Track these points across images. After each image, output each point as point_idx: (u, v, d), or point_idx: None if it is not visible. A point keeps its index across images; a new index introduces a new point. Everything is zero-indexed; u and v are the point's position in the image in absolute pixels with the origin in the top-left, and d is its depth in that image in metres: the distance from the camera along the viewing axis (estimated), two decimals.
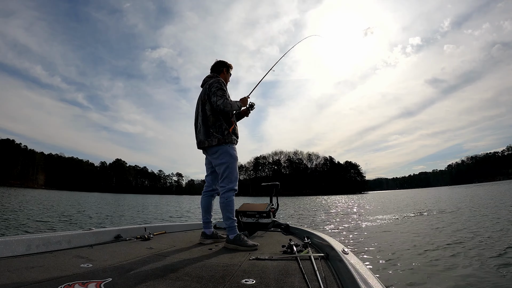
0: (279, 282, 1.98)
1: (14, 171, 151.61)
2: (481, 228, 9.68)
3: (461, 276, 4.96)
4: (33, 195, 47.88)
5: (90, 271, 2.16)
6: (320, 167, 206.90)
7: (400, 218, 14.95)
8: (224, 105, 3.49)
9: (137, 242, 3.57)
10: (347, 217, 16.69)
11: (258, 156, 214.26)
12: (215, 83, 3.64)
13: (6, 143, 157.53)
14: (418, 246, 7.49)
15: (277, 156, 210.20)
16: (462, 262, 5.78)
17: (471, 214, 14.08)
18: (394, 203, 30.12)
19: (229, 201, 3.48)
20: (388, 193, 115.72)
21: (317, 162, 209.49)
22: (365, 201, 41.85)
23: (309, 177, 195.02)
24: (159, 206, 32.12)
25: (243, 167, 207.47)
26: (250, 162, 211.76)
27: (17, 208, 19.12)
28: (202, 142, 3.64)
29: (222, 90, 3.60)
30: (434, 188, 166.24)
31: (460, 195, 37.01)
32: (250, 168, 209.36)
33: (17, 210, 17.69)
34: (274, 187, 5.35)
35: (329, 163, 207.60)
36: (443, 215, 14.91)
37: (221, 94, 3.55)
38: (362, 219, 15.33)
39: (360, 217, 16.44)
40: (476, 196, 31.37)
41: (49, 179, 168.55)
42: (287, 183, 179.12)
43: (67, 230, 5.12)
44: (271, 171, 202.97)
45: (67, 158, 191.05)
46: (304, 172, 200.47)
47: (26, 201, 27.12)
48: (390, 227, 11.58)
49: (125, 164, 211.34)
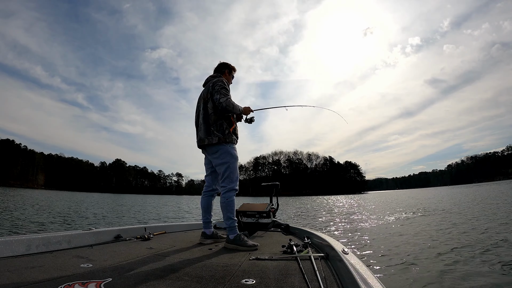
0: (279, 282, 1.98)
1: (14, 171, 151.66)
2: (483, 228, 9.68)
3: (462, 276, 4.95)
4: (32, 195, 47.82)
5: (90, 271, 2.16)
6: (320, 167, 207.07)
7: (400, 218, 14.97)
8: (227, 104, 3.49)
9: (137, 242, 3.57)
10: (347, 217, 16.67)
11: (258, 156, 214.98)
12: (219, 82, 3.65)
13: (6, 143, 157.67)
14: (419, 246, 7.48)
15: (277, 156, 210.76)
16: (463, 262, 5.77)
17: (475, 214, 14.06)
18: (395, 203, 30.10)
19: (230, 201, 3.48)
20: (388, 193, 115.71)
21: (317, 162, 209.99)
22: (365, 201, 41.83)
23: (309, 177, 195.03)
24: (158, 206, 32.10)
25: (243, 167, 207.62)
26: (250, 162, 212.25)
27: (14, 208, 19.13)
28: (202, 140, 3.64)
29: (226, 89, 3.61)
30: (434, 188, 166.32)
31: (461, 195, 36.92)
32: (250, 168, 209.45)
33: (13, 210, 17.69)
34: (274, 187, 5.36)
35: (329, 163, 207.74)
36: (445, 215, 14.91)
37: (224, 92, 3.56)
38: (362, 219, 15.33)
39: (360, 217, 16.42)
40: (479, 195, 31.35)
41: (49, 179, 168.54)
42: (287, 183, 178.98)
43: (67, 230, 5.10)
44: (271, 171, 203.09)
45: (67, 158, 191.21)
46: (304, 172, 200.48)
47: (23, 201, 27.13)
48: (390, 227, 11.58)
49: (125, 164, 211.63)
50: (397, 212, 18.20)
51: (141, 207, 28.48)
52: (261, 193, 5.44)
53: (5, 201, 25.69)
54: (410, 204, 25.34)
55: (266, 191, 5.45)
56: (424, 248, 7.20)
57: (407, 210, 19.18)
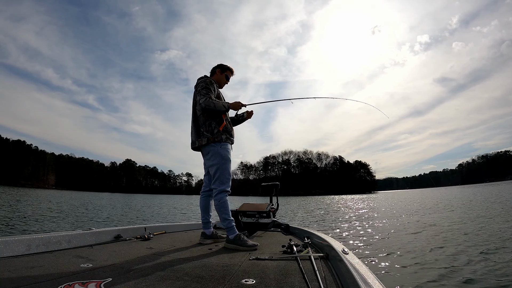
0: (279, 282, 1.97)
1: (25, 171, 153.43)
2: (488, 228, 9.59)
3: (462, 276, 4.93)
4: (43, 195, 48.30)
5: (90, 271, 2.17)
6: (329, 166, 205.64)
7: (407, 218, 14.86)
8: (206, 103, 3.45)
9: (137, 242, 3.58)
10: (359, 218, 16.55)
11: (267, 156, 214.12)
12: (201, 83, 3.64)
13: (17, 144, 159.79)
14: (420, 246, 7.44)
15: (287, 155, 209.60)
16: (464, 262, 5.75)
17: (479, 214, 13.93)
18: (404, 203, 29.82)
19: (222, 202, 3.47)
20: (398, 193, 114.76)
21: (327, 162, 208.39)
22: (375, 201, 41.46)
23: (318, 177, 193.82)
24: (183, 206, 32.11)
25: (252, 167, 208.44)
26: (260, 162, 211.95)
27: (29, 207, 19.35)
28: (193, 142, 3.66)
29: (206, 88, 3.56)
30: (445, 188, 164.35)
31: (475, 195, 36.15)
32: (260, 168, 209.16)
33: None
34: (274, 187, 5.39)
35: (338, 163, 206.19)
36: (452, 214, 14.78)
37: (204, 92, 3.52)
38: (370, 220, 15.24)
39: (369, 218, 16.31)
40: (493, 195, 30.96)
41: (59, 179, 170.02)
42: (296, 183, 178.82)
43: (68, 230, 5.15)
44: (281, 170, 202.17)
45: (78, 158, 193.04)
46: (314, 171, 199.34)
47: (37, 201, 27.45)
48: (391, 227, 11.53)
49: (135, 164, 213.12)
50: (404, 212, 18.07)
51: (158, 208, 28.44)
52: (271, 193, 5.43)
53: (22, 201, 26.02)
54: (421, 205, 25.11)
55: (266, 191, 5.46)
56: (426, 248, 7.16)
57: (414, 210, 19.03)
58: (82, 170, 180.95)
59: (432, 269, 5.44)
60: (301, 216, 18.92)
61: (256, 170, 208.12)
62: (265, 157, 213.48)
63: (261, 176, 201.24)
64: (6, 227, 10.43)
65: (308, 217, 18.40)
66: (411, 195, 57.67)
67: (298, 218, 17.92)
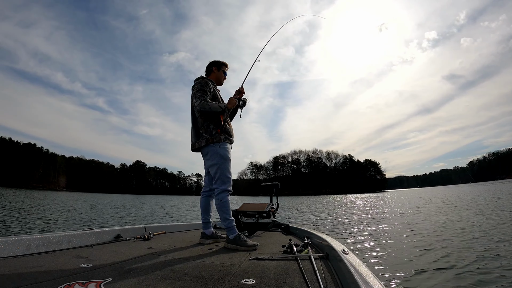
0: (279, 282, 1.97)
1: (36, 174, 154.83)
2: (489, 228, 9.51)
3: (463, 276, 4.92)
4: (54, 197, 48.81)
5: (90, 271, 2.18)
6: (339, 165, 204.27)
7: (405, 218, 14.77)
8: (201, 106, 3.45)
9: (137, 242, 3.59)
10: (369, 219, 16.44)
11: (277, 156, 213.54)
12: (196, 85, 3.64)
13: (28, 147, 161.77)
14: (421, 246, 7.40)
15: (296, 155, 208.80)
16: (465, 262, 5.71)
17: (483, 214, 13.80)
18: (413, 202, 29.60)
19: (224, 202, 3.47)
20: (408, 191, 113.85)
21: (337, 161, 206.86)
22: (385, 200, 41.15)
23: (328, 176, 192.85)
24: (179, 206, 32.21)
25: (262, 167, 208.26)
26: (270, 162, 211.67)
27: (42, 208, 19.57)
28: (193, 144, 3.67)
29: (201, 91, 3.55)
30: (456, 186, 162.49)
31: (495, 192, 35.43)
32: (270, 168, 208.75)
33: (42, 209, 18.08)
34: (274, 187, 5.39)
35: (348, 162, 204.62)
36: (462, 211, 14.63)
37: (199, 95, 3.51)
38: (377, 220, 15.15)
39: (376, 218, 16.21)
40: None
41: (70, 181, 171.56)
42: (306, 182, 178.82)
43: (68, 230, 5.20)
44: (291, 170, 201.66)
45: (88, 160, 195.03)
46: (324, 171, 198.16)
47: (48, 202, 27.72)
48: (392, 227, 11.49)
49: (145, 165, 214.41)
50: (411, 211, 17.94)
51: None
52: (281, 192, 5.43)
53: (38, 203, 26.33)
54: (430, 203, 24.91)
55: (266, 191, 5.46)
56: (427, 248, 7.12)
57: (423, 210, 18.88)
58: (93, 172, 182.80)
59: (433, 269, 5.42)
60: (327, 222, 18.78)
61: (266, 170, 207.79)
62: (274, 157, 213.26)
63: (271, 176, 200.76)
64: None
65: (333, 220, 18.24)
66: (423, 194, 57.06)
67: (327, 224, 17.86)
